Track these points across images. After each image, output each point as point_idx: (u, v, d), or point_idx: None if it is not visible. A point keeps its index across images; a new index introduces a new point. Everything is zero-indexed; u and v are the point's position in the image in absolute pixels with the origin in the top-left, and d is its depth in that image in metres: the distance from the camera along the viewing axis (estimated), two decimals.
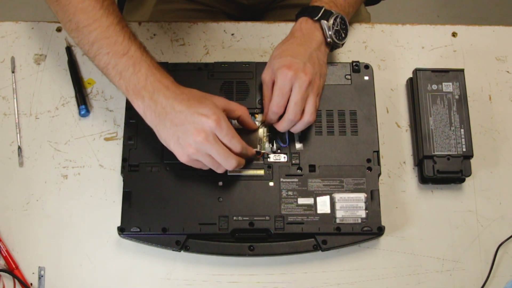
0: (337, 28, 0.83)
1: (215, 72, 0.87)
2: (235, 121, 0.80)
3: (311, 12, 0.83)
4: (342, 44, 0.85)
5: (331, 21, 0.82)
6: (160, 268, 0.81)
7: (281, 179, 0.82)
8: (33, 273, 0.81)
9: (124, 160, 0.83)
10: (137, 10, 1.09)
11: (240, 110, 0.78)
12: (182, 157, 0.74)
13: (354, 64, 0.88)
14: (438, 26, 0.96)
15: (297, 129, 0.80)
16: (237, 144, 0.74)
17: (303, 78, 0.77)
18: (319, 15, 0.82)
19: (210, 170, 0.81)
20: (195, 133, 0.72)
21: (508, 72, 0.93)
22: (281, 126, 0.79)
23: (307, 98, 0.78)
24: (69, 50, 0.92)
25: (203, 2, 1.08)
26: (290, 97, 0.78)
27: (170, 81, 0.76)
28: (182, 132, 0.73)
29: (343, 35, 0.84)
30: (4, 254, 0.81)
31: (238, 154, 0.75)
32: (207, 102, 0.73)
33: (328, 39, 0.82)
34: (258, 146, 0.78)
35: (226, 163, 0.74)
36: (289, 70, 0.77)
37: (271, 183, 0.82)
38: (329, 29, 0.82)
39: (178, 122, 0.73)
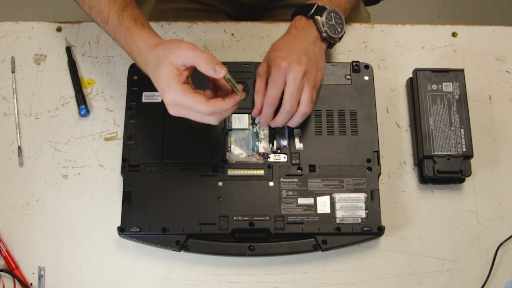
0: (331, 23, 0.84)
1: None
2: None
3: (305, 10, 0.84)
4: (340, 38, 0.86)
5: (324, 16, 0.83)
6: (160, 268, 0.81)
7: (281, 179, 0.82)
8: (33, 273, 0.81)
9: (124, 160, 0.83)
10: None
11: (201, 67, 0.71)
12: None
13: (354, 64, 0.88)
14: (438, 26, 0.96)
15: (294, 122, 0.80)
16: (201, 110, 0.70)
17: (298, 69, 0.77)
18: (312, 11, 0.83)
19: (210, 170, 0.82)
20: (166, 103, 0.72)
21: (508, 72, 0.93)
22: (278, 120, 0.79)
23: (302, 89, 0.78)
24: (69, 50, 0.92)
25: (203, 1, 1.08)
26: (285, 88, 0.78)
27: (141, 44, 0.76)
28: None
29: (339, 29, 0.85)
30: (4, 254, 0.81)
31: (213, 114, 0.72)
32: (161, 75, 0.71)
33: (323, 34, 0.83)
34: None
35: (206, 122, 0.73)
36: (283, 61, 0.77)
37: (271, 183, 0.82)
38: (323, 25, 0.83)
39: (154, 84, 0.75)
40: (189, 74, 0.72)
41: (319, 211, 0.80)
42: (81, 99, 0.88)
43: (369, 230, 0.79)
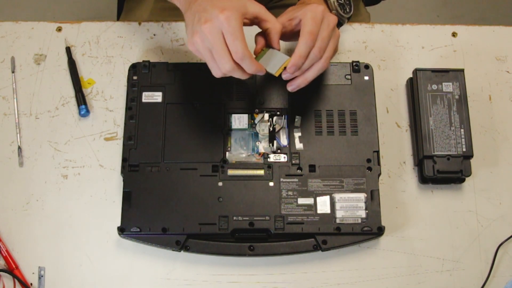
0: (341, 2, 0.85)
1: None
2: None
3: None
4: (348, 19, 0.87)
5: None
6: (160, 268, 0.81)
7: (281, 179, 0.82)
8: (33, 273, 0.81)
9: (124, 160, 0.83)
10: (137, 8, 1.09)
11: (271, 24, 0.76)
12: (189, 44, 0.74)
13: (354, 64, 0.88)
14: (438, 26, 0.96)
15: (307, 77, 0.78)
16: (238, 47, 0.70)
17: (332, 17, 0.78)
18: None
19: (210, 170, 0.82)
20: (203, 22, 0.71)
21: (508, 72, 0.93)
22: (303, 63, 0.76)
23: (329, 42, 0.78)
24: (69, 50, 0.92)
25: None
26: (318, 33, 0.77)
27: None
28: (197, 20, 0.72)
29: (347, 10, 0.86)
30: (4, 254, 0.81)
31: (239, 61, 0.72)
32: (215, 8, 0.71)
33: (333, 11, 0.84)
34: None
35: (219, 61, 0.72)
36: (320, 5, 0.77)
37: (271, 183, 0.82)
38: (333, 3, 0.84)
39: (198, 10, 0.73)
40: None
41: (319, 211, 0.80)
42: (81, 99, 0.88)
43: (369, 230, 0.79)
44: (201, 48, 0.73)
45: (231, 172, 0.82)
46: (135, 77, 0.87)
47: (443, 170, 0.82)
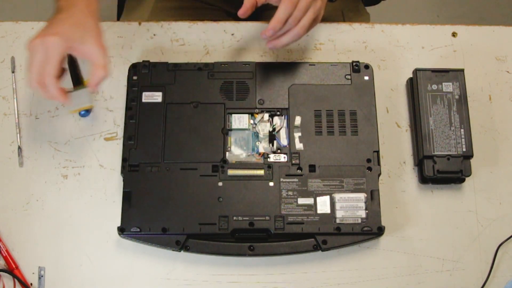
0: None
1: (215, 72, 0.88)
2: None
3: None
4: None
5: None
6: (160, 268, 0.81)
7: (281, 179, 0.82)
8: (33, 273, 0.81)
9: (124, 160, 0.83)
10: (137, 8, 1.09)
11: (96, 70, 0.77)
12: (27, 43, 0.76)
13: (354, 64, 0.88)
14: (438, 26, 0.96)
15: (282, 41, 0.81)
16: (46, 71, 0.74)
17: None
18: None
19: (210, 170, 0.82)
20: (40, 35, 0.75)
21: (508, 72, 0.93)
22: (274, 25, 0.79)
23: (307, 12, 0.80)
24: None
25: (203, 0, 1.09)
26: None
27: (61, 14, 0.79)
28: (42, 30, 0.76)
29: None
30: (4, 254, 0.81)
31: (44, 83, 0.76)
32: (56, 28, 0.76)
33: None
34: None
35: (29, 75, 0.75)
36: None
37: (271, 183, 0.82)
38: None
39: (49, 23, 0.78)
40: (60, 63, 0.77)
41: (319, 211, 0.80)
42: None
43: (369, 230, 0.79)
44: (29, 53, 0.76)
45: (231, 172, 0.82)
46: (135, 77, 0.87)
47: (443, 170, 0.82)
